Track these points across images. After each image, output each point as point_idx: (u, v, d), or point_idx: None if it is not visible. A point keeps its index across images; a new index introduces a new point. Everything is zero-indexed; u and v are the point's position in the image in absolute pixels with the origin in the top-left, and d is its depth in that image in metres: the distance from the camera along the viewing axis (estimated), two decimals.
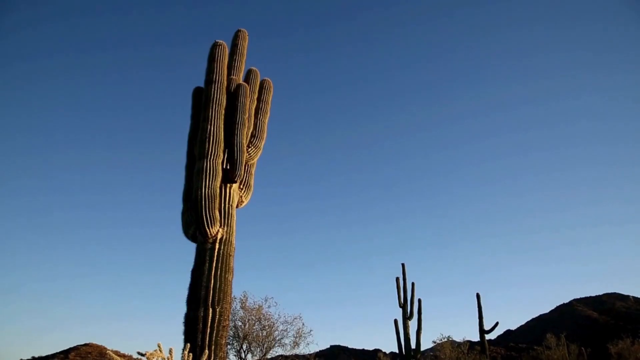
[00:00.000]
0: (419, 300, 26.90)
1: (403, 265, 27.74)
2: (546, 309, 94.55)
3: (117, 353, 4.15)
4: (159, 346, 3.81)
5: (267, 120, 10.63)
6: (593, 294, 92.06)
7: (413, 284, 27.06)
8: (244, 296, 20.74)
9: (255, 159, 10.01)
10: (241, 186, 9.43)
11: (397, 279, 27.40)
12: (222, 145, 9.20)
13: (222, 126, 9.36)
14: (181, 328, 7.92)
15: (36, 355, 67.35)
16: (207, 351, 4.14)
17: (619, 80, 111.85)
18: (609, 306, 79.02)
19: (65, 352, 68.32)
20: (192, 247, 8.64)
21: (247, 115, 9.85)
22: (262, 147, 10.19)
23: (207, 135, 9.06)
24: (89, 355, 67.18)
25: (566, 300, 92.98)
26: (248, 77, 10.66)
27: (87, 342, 71.63)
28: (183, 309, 8.08)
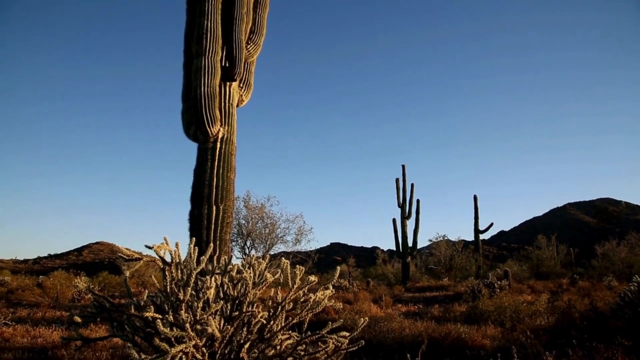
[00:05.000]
0: (418, 201, 27.67)
1: (403, 166, 28.10)
2: (540, 212, 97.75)
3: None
4: (165, 240, 3.89)
5: (266, 15, 10.02)
6: (587, 199, 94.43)
7: (412, 185, 27.63)
8: (247, 195, 21.26)
9: (255, 56, 9.60)
10: (241, 84, 9.15)
11: (397, 180, 27.90)
12: (220, 41, 8.76)
13: (220, 21, 8.84)
14: (187, 225, 8.17)
15: (52, 253, 71.31)
16: (211, 245, 4.24)
17: None
18: (601, 210, 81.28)
19: (79, 250, 72.31)
20: (194, 146, 8.61)
21: (245, 9, 9.26)
22: (261, 43, 9.72)
23: (204, 32, 8.59)
24: (101, 252, 71.12)
25: (560, 204, 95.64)
26: None
27: (99, 240, 75.37)
28: (188, 207, 8.27)
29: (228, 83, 8.78)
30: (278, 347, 3.98)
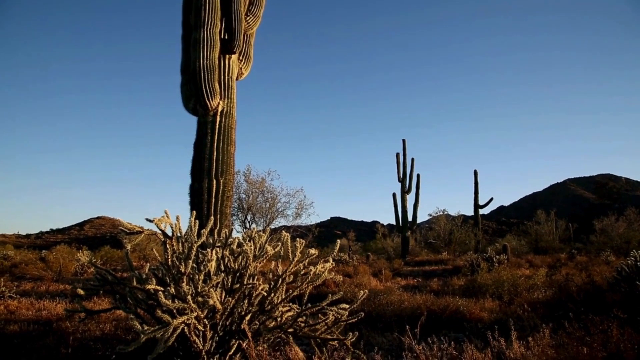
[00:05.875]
0: (418, 176, 27.70)
1: (404, 141, 28.01)
2: (540, 187, 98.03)
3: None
4: (166, 213, 3.90)
5: None
6: (587, 175, 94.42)
7: (413, 160, 27.61)
8: (248, 169, 21.26)
9: (255, 29, 9.42)
10: (240, 57, 9.01)
11: (397, 154, 27.86)
12: (219, 13, 8.58)
13: None
14: (187, 199, 8.17)
15: (54, 228, 71.74)
16: (212, 218, 4.26)
17: None
18: (601, 186, 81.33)
19: (81, 225, 72.66)
20: (194, 120, 8.54)
21: None
22: (261, 15, 9.52)
23: (203, 3, 8.39)
24: (102, 227, 71.50)
25: (560, 180, 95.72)
26: None
27: (100, 215, 75.74)
28: (188, 181, 8.25)
29: (227, 56, 8.65)
30: (279, 319, 4.03)
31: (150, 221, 3.76)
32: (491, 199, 29.57)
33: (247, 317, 3.82)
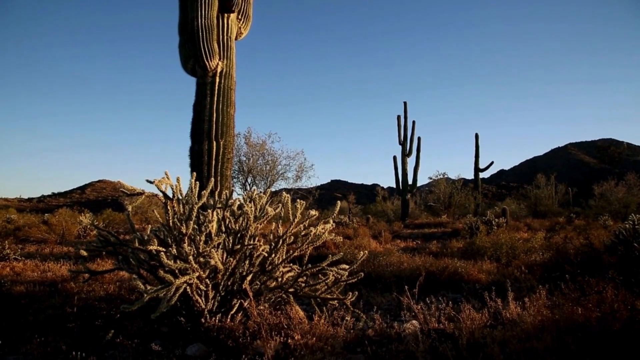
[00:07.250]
0: (419, 139, 27.56)
1: (405, 103, 27.71)
2: (541, 151, 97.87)
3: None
4: (166, 174, 3.88)
5: None
6: (589, 139, 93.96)
7: (414, 122, 27.39)
8: (248, 132, 21.14)
9: None
10: (239, 17, 8.78)
11: (398, 117, 27.61)
12: None
13: None
14: (187, 161, 8.15)
15: (56, 191, 72.16)
16: (212, 179, 4.25)
17: None
18: (602, 149, 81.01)
19: (82, 188, 73.15)
20: (193, 81, 8.40)
21: None
22: None
23: None
24: (104, 190, 71.96)
25: (561, 144, 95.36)
26: None
27: (101, 178, 76.12)
28: (189, 143, 8.19)
29: (226, 15, 8.42)
30: (279, 279, 4.09)
31: (151, 183, 3.75)
32: (491, 163, 29.53)
33: (249, 277, 3.87)
